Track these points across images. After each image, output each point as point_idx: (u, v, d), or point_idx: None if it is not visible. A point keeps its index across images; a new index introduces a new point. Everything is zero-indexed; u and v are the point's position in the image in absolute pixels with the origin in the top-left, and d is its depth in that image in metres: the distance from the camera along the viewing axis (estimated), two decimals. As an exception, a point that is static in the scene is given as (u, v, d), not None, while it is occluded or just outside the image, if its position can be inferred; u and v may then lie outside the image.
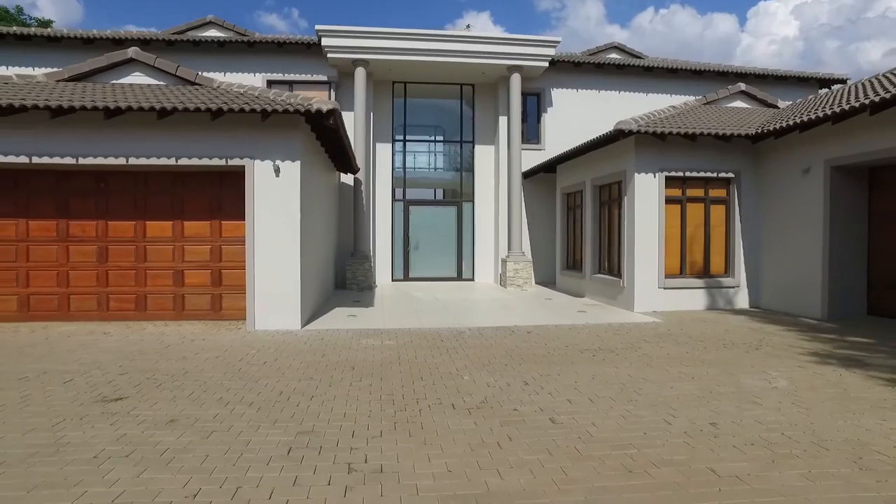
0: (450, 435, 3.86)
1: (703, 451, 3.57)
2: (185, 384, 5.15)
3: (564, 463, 3.39)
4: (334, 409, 4.45)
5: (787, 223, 9.58)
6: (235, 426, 4.04)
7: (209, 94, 8.23)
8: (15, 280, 8.46)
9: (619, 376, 5.46)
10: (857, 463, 3.37)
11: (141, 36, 13.42)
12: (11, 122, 7.64)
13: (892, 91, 7.03)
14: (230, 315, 8.67)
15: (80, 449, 3.59)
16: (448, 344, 7.08)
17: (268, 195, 8.02)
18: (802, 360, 6.11)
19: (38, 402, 4.60)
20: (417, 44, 13.23)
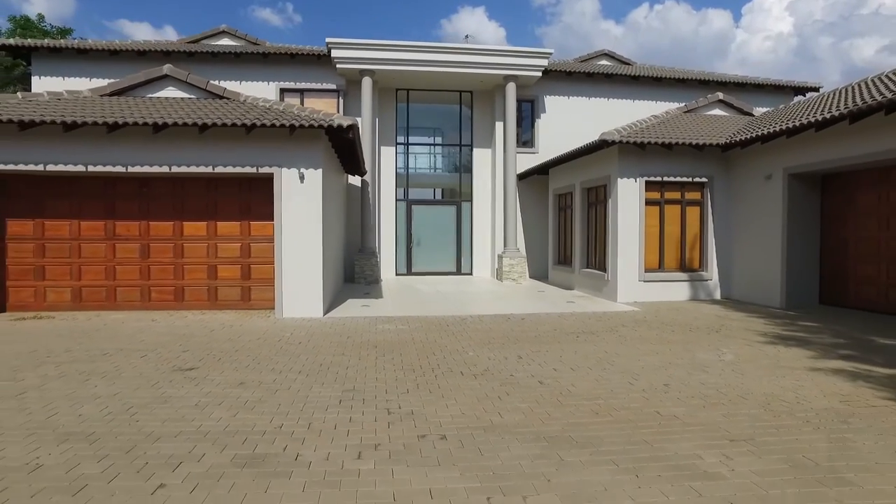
0: (460, 391, 5.05)
1: (654, 401, 4.77)
2: (240, 359, 6.32)
3: (549, 409, 4.58)
4: (367, 375, 5.63)
5: (753, 223, 10.82)
6: (293, 386, 5.21)
7: (241, 109, 9.37)
8: (69, 274, 9.59)
9: (597, 352, 6.67)
10: (765, 407, 4.58)
11: (162, 47, 14.48)
12: (71, 136, 8.75)
13: (842, 110, 8.24)
14: (258, 305, 9.84)
15: (182, 400, 4.76)
16: (453, 328, 8.27)
17: (293, 199, 9.17)
18: (752, 341, 7.34)
19: (129, 370, 5.76)
20: (420, 55, 14.37)
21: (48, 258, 9.57)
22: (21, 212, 9.48)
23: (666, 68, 18.24)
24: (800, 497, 2.98)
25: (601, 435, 3.93)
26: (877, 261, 9.19)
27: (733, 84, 16.61)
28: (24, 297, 9.55)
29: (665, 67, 18.53)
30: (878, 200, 9.18)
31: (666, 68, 18.24)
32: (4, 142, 8.71)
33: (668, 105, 16.10)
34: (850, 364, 6.00)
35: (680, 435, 3.92)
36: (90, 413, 4.39)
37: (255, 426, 4.13)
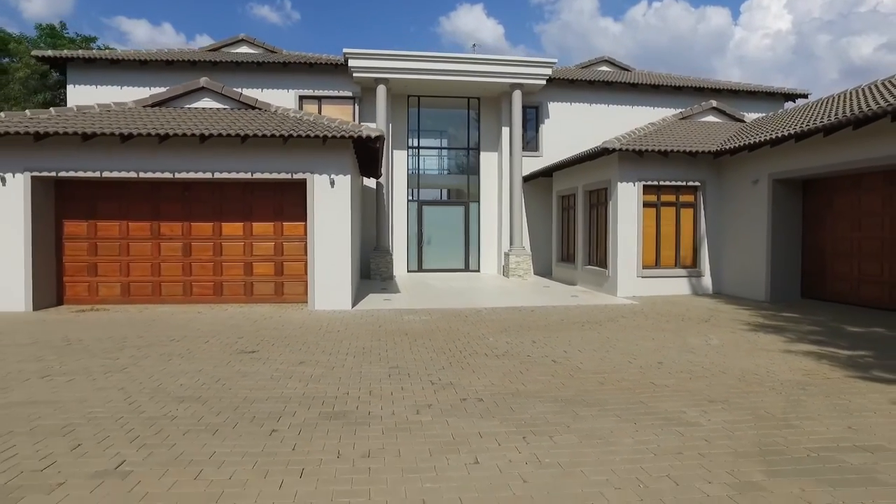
0: (487, 368, 6.07)
1: (649, 375, 5.80)
2: (291, 344, 7.34)
3: (562, 380, 5.60)
4: (406, 356, 6.65)
5: (741, 223, 11.86)
6: (346, 364, 6.23)
7: (276, 120, 10.36)
8: (119, 270, 10.60)
9: (600, 338, 7.70)
10: (740, 379, 5.61)
11: (188, 57, 15.44)
12: (125, 145, 9.73)
13: (818, 124, 9.27)
14: (291, 299, 10.86)
15: (258, 375, 5.77)
16: (471, 318, 9.30)
17: (325, 202, 10.18)
18: (736, 329, 8.38)
19: (200, 352, 6.78)
20: (432, 65, 15.36)
21: (100, 256, 10.57)
22: (76, 213, 10.47)
23: (663, 75, 19.26)
24: (756, 434, 4.02)
25: (606, 398, 4.96)
26: (850, 259, 10.25)
27: (727, 91, 17.64)
28: (78, 291, 10.56)
29: (662, 74, 19.55)
30: (851, 204, 10.23)
31: (663, 75, 19.26)
32: (67, 151, 9.69)
33: (665, 111, 17.13)
34: (817, 347, 7.05)
35: (669, 398, 4.96)
36: (188, 383, 5.41)
37: (327, 393, 5.15)
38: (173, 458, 3.60)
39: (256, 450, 3.75)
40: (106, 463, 3.50)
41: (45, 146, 9.66)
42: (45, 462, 3.50)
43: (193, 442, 3.87)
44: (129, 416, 4.40)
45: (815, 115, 10.20)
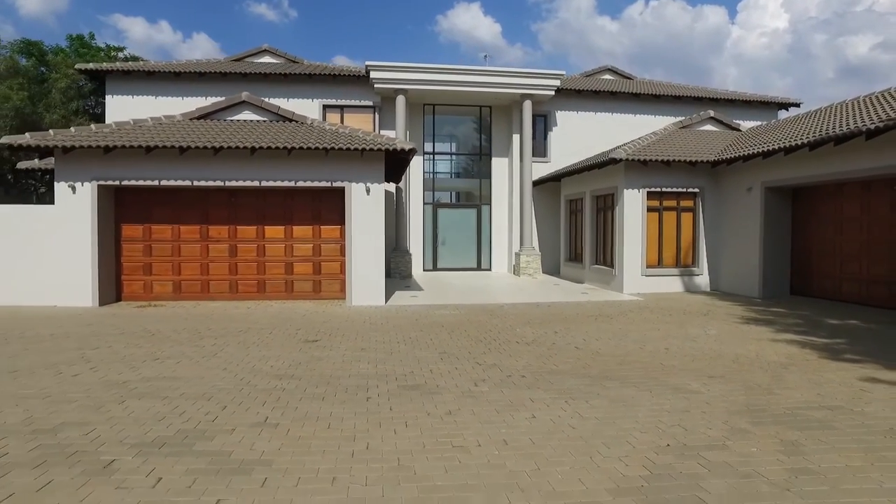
0: (521, 353, 7.25)
1: (659, 358, 6.98)
2: (345, 334, 8.49)
3: (587, 362, 6.78)
4: (449, 344, 7.82)
5: (736, 227, 13.08)
6: (401, 350, 7.39)
7: (315, 133, 11.50)
8: (171, 270, 11.72)
9: (613, 329, 8.90)
10: (734, 361, 6.81)
11: (219, 69, 16.54)
12: (182, 156, 10.85)
13: (804, 140, 10.48)
14: (327, 296, 12.01)
15: (329, 359, 6.93)
16: (496, 313, 10.49)
17: (361, 208, 11.33)
18: (731, 321, 9.59)
19: (270, 341, 7.92)
20: (448, 76, 16.51)
21: (154, 257, 11.70)
22: (132, 218, 11.59)
23: (664, 84, 20.47)
24: (745, 399, 5.21)
25: (625, 375, 6.15)
26: (833, 259, 11.49)
27: (724, 100, 18.87)
28: (135, 289, 11.68)
29: (663, 83, 20.77)
30: (834, 210, 11.47)
31: (664, 84, 20.47)
32: (130, 161, 10.81)
33: (666, 119, 18.33)
34: (800, 337, 8.26)
35: (676, 374, 6.15)
36: (277, 365, 6.56)
37: (395, 371, 6.31)
38: (303, 415, 4.76)
39: (362, 410, 4.91)
40: (255, 418, 4.66)
41: (110, 157, 10.77)
42: (210, 416, 4.66)
43: (311, 405, 5.03)
44: (247, 389, 5.55)
45: (805, 129, 11.43)
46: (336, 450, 3.96)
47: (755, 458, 3.83)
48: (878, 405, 4.99)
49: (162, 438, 4.13)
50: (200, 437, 4.17)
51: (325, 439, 4.18)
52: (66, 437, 4.14)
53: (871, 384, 5.69)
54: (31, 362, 6.50)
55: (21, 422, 4.47)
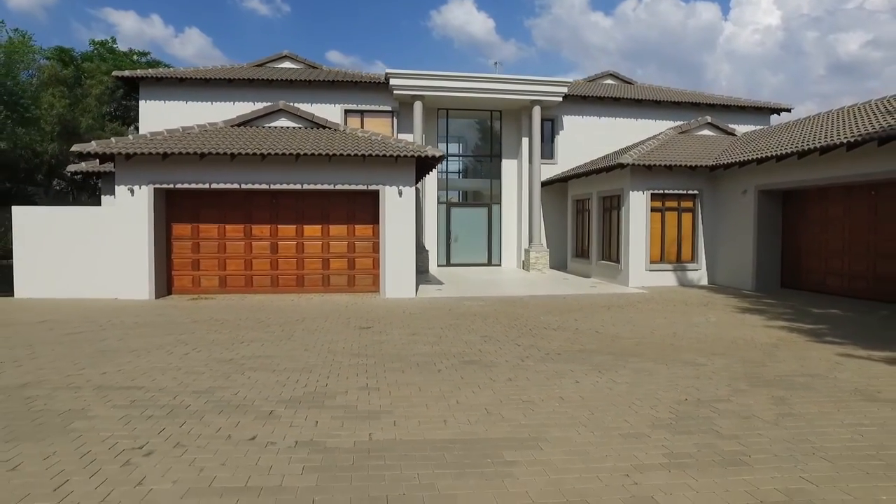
0: (551, 336, 8.52)
1: (668, 340, 8.28)
2: (393, 321, 9.72)
3: (608, 343, 8.07)
4: (487, 329, 9.07)
5: (732, 226, 14.44)
6: (448, 335, 8.64)
7: (350, 139, 12.69)
8: (217, 265, 12.90)
9: (625, 317, 10.20)
10: (732, 343, 8.12)
11: (246, 75, 17.64)
12: (232, 161, 12.01)
13: (793, 148, 11.82)
14: (360, 289, 13.24)
15: (390, 342, 8.16)
16: (518, 304, 11.77)
17: (394, 209, 12.55)
18: (728, 311, 10.93)
19: (329, 328, 9.15)
20: (462, 83, 17.73)
21: (201, 253, 12.86)
22: (182, 218, 12.74)
23: (663, 89, 21.81)
24: (743, 369, 6.51)
25: (643, 352, 7.45)
26: (819, 256, 12.87)
27: (721, 106, 20.23)
28: (184, 283, 12.85)
29: (662, 88, 22.10)
30: (819, 212, 12.85)
31: (663, 89, 21.81)
32: (183, 166, 11.95)
33: (666, 123, 19.65)
34: (789, 323, 9.61)
35: (685, 352, 7.45)
36: (347, 346, 7.79)
37: (451, 351, 7.57)
38: (394, 382, 5.99)
39: (438, 379, 6.16)
40: (358, 383, 5.90)
41: (165, 162, 11.90)
42: (321, 383, 5.89)
43: (396, 376, 6.27)
44: (335, 364, 6.78)
45: (795, 137, 12.78)
46: (434, 404, 5.21)
47: (752, 407, 5.14)
48: (849, 373, 6.32)
49: (296, 398, 5.36)
50: (325, 397, 5.40)
51: (422, 397, 5.43)
52: (222, 396, 5.36)
53: (845, 359, 7.02)
54: (140, 345, 7.69)
55: (177, 385, 5.69)
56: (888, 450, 4.11)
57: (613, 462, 3.89)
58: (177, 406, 5.01)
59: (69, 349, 7.32)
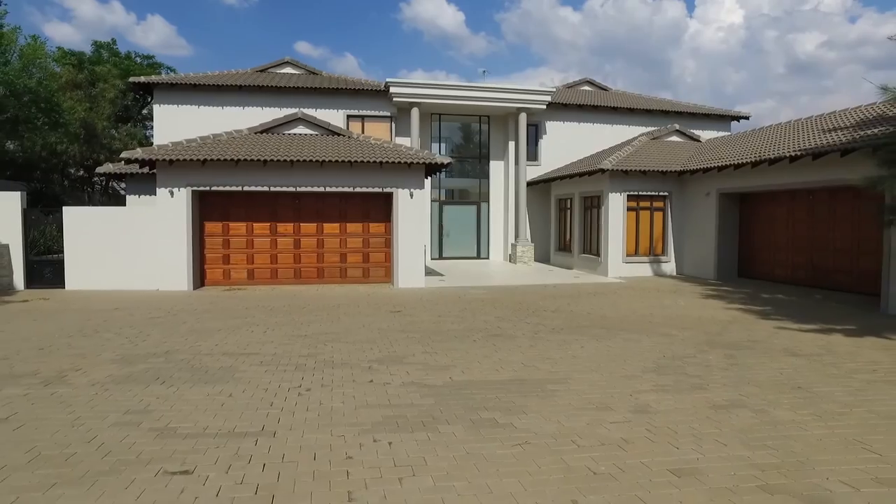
0: (552, 317, 10.57)
1: (646, 318, 10.43)
2: (416, 307, 11.63)
3: (599, 321, 10.15)
4: (497, 312, 11.07)
5: (697, 224, 16.80)
6: (468, 317, 10.61)
7: (367, 147, 14.49)
8: (245, 260, 14.57)
9: (608, 301, 12.36)
10: (697, 319, 10.32)
11: (256, 82, 19.16)
12: (260, 166, 13.68)
13: (748, 159, 14.16)
14: (374, 280, 15.09)
15: (423, 322, 10.08)
16: (515, 292, 13.81)
17: (406, 209, 14.42)
18: (694, 296, 13.22)
19: (364, 312, 11.01)
20: (457, 92, 19.65)
21: (231, 249, 14.51)
22: (213, 216, 14.35)
23: (636, 96, 24.17)
24: (705, 338, 8.69)
25: (628, 327, 9.55)
26: (769, 250, 15.32)
27: (688, 113, 22.68)
28: (216, 276, 14.48)
29: (635, 95, 24.47)
30: (769, 212, 15.28)
31: (636, 96, 24.17)
32: (218, 171, 13.55)
33: (638, 128, 21.95)
34: (742, 305, 11.91)
35: (660, 327, 9.60)
36: (387, 326, 9.67)
37: (475, 327, 9.54)
38: (444, 349, 7.93)
39: (475, 346, 8.13)
40: (419, 349, 7.82)
41: (201, 167, 13.50)
42: (391, 349, 7.79)
43: (443, 344, 8.20)
44: (390, 336, 8.67)
45: (752, 146, 15.14)
46: (483, 361, 7.19)
47: (710, 360, 7.28)
48: (781, 339, 8.57)
49: (380, 358, 7.26)
50: (401, 358, 7.31)
51: (472, 357, 7.39)
52: (323, 358, 7.23)
53: (781, 330, 9.29)
54: (218, 326, 9.43)
55: (283, 352, 7.51)
56: (796, 380, 6.29)
57: (620, 389, 5.95)
58: (298, 364, 6.86)
59: (166, 329, 9.03)
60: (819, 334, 8.91)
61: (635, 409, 5.30)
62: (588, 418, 5.00)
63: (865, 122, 12.57)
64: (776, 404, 5.44)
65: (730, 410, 5.25)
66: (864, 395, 5.73)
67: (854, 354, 7.61)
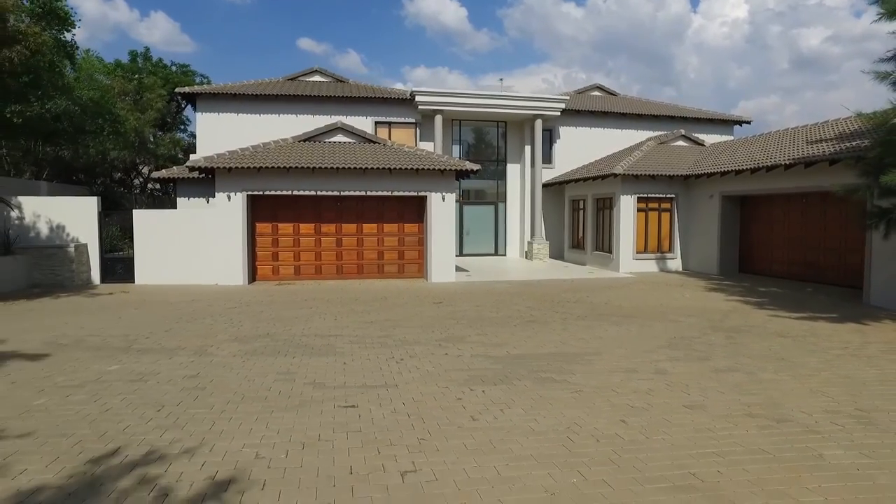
0: (575, 307, 12.31)
1: (657, 307, 12.17)
2: (453, 299, 13.37)
3: (616, 310, 11.88)
4: (526, 302, 12.81)
5: (701, 224, 18.55)
6: (502, 306, 12.34)
7: (402, 154, 16.22)
8: (293, 257, 16.32)
9: (622, 294, 14.11)
10: (702, 309, 12.07)
11: (291, 91, 20.86)
12: (308, 172, 15.41)
13: (749, 165, 15.88)
14: (408, 275, 16.85)
15: (464, 312, 11.82)
16: (536, 285, 15.56)
17: (438, 211, 16.16)
18: (698, 289, 14.97)
19: (410, 303, 12.74)
20: (478, 100, 21.36)
21: (279, 248, 16.26)
22: (263, 218, 16.10)
23: (643, 101, 25.87)
24: (709, 324, 10.45)
25: (642, 315, 11.30)
26: (767, 248, 17.08)
27: (692, 119, 24.38)
28: (265, 272, 16.24)
29: (643, 101, 26.17)
30: (767, 214, 17.02)
31: (643, 101, 25.87)
32: (270, 176, 15.29)
33: (646, 132, 23.69)
34: (741, 297, 13.67)
35: (670, 315, 11.35)
36: (438, 314, 11.42)
37: (512, 315, 11.28)
38: (493, 332, 9.67)
39: (519, 329, 9.86)
40: (472, 332, 9.56)
41: (255, 173, 15.22)
42: (449, 332, 9.54)
43: (491, 328, 9.95)
44: (444, 323, 10.41)
45: (752, 152, 16.87)
46: (528, 341, 8.93)
47: (713, 340, 9.03)
48: (774, 325, 10.33)
49: (443, 338, 9.00)
50: (460, 338, 9.06)
51: (518, 338, 9.13)
52: (398, 338, 8.96)
53: (775, 318, 11.05)
54: (293, 315, 11.19)
55: (363, 334, 9.27)
56: (781, 354, 8.04)
57: (641, 359, 7.70)
58: (380, 343, 8.62)
59: (251, 317, 10.78)
60: (806, 321, 10.66)
61: (655, 371, 7.06)
62: (621, 377, 6.76)
63: (853, 134, 14.29)
64: (763, 369, 7.20)
65: (727, 373, 7.01)
66: (831, 364, 7.49)
67: (832, 336, 9.35)
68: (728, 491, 3.86)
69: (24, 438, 4.61)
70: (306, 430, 4.88)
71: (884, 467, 4.28)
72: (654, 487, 3.89)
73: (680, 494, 3.80)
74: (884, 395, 6.12)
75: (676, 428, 5.06)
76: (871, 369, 7.20)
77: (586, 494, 3.79)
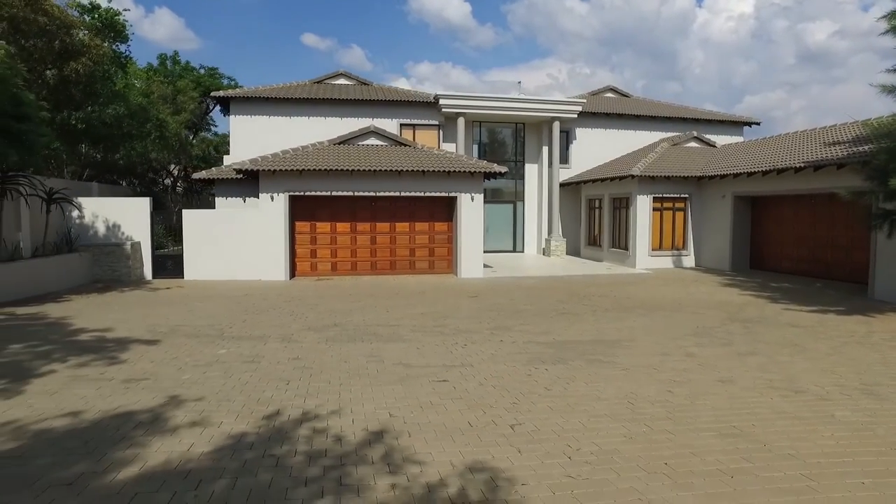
0: (599, 300, 13.48)
1: (674, 301, 13.36)
2: (485, 293, 14.56)
3: (639, 304, 13.06)
4: (554, 296, 13.99)
5: (714, 223, 19.73)
6: (534, 300, 13.53)
7: (432, 156, 17.38)
8: (330, 254, 17.52)
9: (640, 289, 15.29)
10: (718, 302, 13.25)
11: (320, 95, 22.00)
12: (345, 174, 16.58)
13: (761, 168, 17.05)
14: (438, 271, 18.04)
15: (501, 304, 13.01)
16: (561, 280, 16.76)
17: (467, 211, 17.34)
18: (713, 284, 16.16)
19: (447, 296, 13.93)
20: (499, 103, 22.51)
21: (317, 245, 17.45)
22: (302, 217, 17.28)
23: (656, 103, 27.02)
24: (726, 315, 11.63)
25: (663, 307, 12.47)
26: (777, 245, 18.27)
27: (704, 120, 25.53)
28: (304, 268, 17.44)
29: (655, 102, 27.32)
30: (777, 213, 18.20)
31: (656, 103, 27.02)
32: (310, 178, 16.46)
33: (659, 133, 24.84)
34: (754, 292, 14.85)
35: (689, 307, 12.53)
36: (479, 306, 12.60)
37: (545, 307, 12.47)
38: (533, 321, 10.85)
39: (557, 319, 11.05)
40: (516, 321, 10.74)
41: (297, 175, 16.39)
42: (495, 322, 10.72)
43: (531, 319, 11.12)
44: (487, 315, 11.58)
45: (763, 154, 18.04)
46: (568, 329, 10.12)
47: (731, 329, 10.21)
48: (786, 317, 11.52)
49: (492, 328, 10.17)
50: (509, 328, 10.23)
51: (558, 326, 10.31)
52: (451, 328, 10.14)
53: (786, 310, 12.24)
54: (345, 307, 12.35)
55: (419, 324, 10.45)
56: (794, 341, 9.21)
57: (672, 345, 8.88)
58: (438, 332, 9.81)
59: (310, 309, 11.97)
60: (816, 313, 11.84)
61: (686, 354, 8.26)
62: (658, 359, 7.96)
63: (859, 139, 15.45)
64: (779, 353, 8.39)
65: (748, 356, 8.20)
66: (839, 350, 8.68)
67: (840, 326, 10.53)
68: (763, 437, 5.05)
69: (200, 402, 5.80)
70: (418, 397, 6.08)
71: (882, 424, 5.48)
72: (706, 433, 5.10)
73: (727, 438, 5.00)
74: (885, 374, 7.31)
75: (713, 396, 6.26)
76: (874, 354, 8.40)
77: (655, 439, 4.99)
